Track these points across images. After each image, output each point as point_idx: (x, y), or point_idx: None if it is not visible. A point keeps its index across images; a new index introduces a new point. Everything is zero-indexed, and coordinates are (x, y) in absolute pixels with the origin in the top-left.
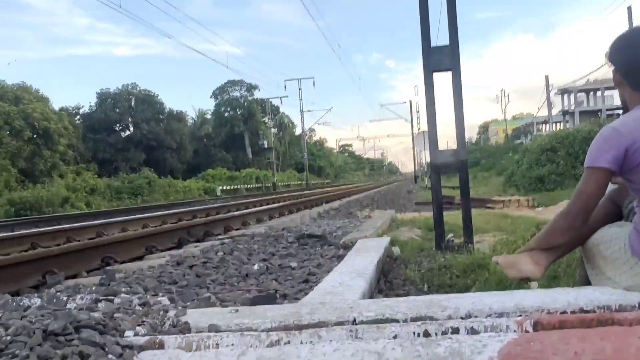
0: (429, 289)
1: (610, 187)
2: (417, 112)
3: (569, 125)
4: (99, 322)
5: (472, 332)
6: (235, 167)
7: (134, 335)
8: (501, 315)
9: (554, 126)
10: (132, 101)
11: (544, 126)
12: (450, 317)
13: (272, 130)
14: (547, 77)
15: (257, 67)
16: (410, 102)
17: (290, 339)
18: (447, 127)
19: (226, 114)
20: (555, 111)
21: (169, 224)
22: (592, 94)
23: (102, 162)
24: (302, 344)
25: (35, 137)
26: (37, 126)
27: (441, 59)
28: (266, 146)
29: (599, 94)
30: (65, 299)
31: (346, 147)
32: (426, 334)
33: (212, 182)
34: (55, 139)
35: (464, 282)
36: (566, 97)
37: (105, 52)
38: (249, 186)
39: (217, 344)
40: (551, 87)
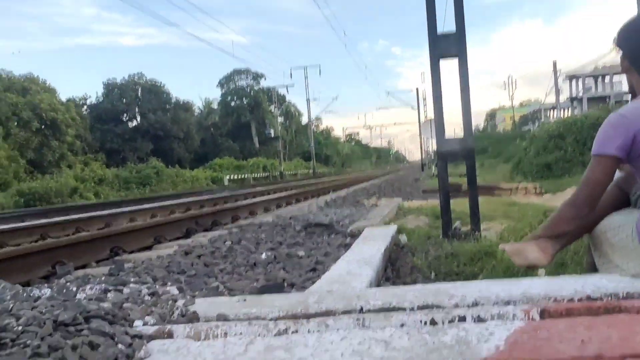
0: (436, 276)
1: (617, 174)
2: (424, 100)
3: (577, 111)
4: (108, 312)
5: (479, 320)
6: (242, 157)
7: (143, 325)
8: (508, 303)
9: (562, 112)
10: (139, 91)
11: (551, 113)
12: (457, 305)
13: (279, 119)
14: (554, 63)
15: (263, 56)
16: (417, 90)
17: (297, 327)
18: (454, 114)
19: (233, 103)
20: (563, 97)
21: (177, 213)
22: (600, 79)
23: (109, 153)
24: (309, 332)
25: (43, 128)
26: (45, 117)
27: (447, 46)
28: (273, 135)
29: (607, 79)
30: (74, 289)
31: (353, 136)
32: (433, 323)
33: (220, 172)
34: (63, 130)
35: (471, 269)
36: (574, 83)
37: (111, 42)
38: (256, 175)
39: (225, 333)
40: (559, 73)
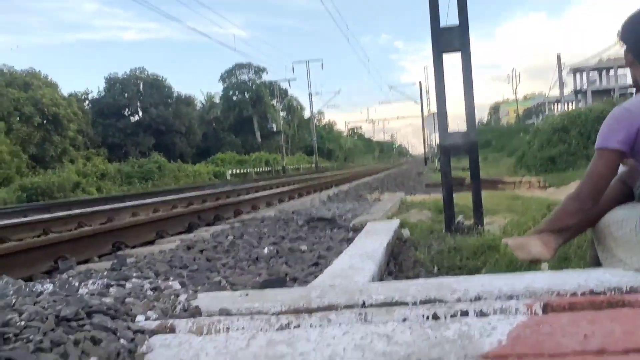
0: (439, 270)
1: (621, 169)
2: (427, 93)
3: (581, 104)
4: (110, 307)
5: (481, 314)
6: (244, 151)
7: (145, 319)
8: (510, 297)
9: (566, 106)
10: (141, 86)
11: (555, 106)
12: (459, 300)
13: (281, 113)
14: (559, 56)
15: (265, 50)
16: (420, 84)
17: (300, 322)
18: (457, 108)
19: (235, 98)
20: (567, 91)
21: (180, 208)
22: (604, 72)
23: (111, 147)
24: (311, 327)
25: (45, 122)
26: (47, 112)
27: (450, 39)
28: (275, 129)
29: (611, 72)
30: (77, 284)
31: (355, 130)
32: (435, 317)
33: (222, 166)
34: (65, 125)
35: (474, 264)
36: (578, 76)
37: (112, 37)
38: (259, 170)
39: (227, 328)
40: (563, 66)
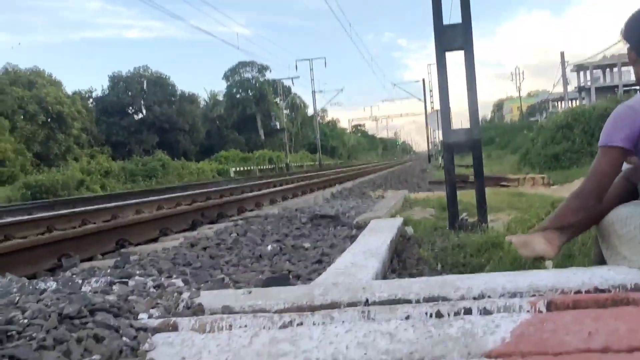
0: (443, 268)
1: (625, 166)
2: (430, 91)
3: (585, 102)
4: (113, 304)
5: (485, 312)
6: (248, 149)
7: (148, 317)
8: (514, 295)
9: (570, 103)
10: (144, 84)
11: (559, 103)
12: (463, 298)
13: (284, 111)
14: (562, 53)
15: (268, 48)
16: (423, 81)
17: (302, 320)
18: (461, 105)
19: (238, 96)
20: (570, 88)
21: (183, 205)
22: (608, 70)
23: (115, 145)
24: (314, 325)
25: (49, 121)
26: (51, 110)
27: (453, 37)
28: (278, 127)
29: (615, 69)
30: (80, 282)
31: (359, 127)
32: (438, 315)
33: (226, 164)
34: (69, 123)
35: (478, 261)
36: (582, 73)
37: (116, 35)
38: (262, 167)
39: (230, 326)
40: (567, 63)
